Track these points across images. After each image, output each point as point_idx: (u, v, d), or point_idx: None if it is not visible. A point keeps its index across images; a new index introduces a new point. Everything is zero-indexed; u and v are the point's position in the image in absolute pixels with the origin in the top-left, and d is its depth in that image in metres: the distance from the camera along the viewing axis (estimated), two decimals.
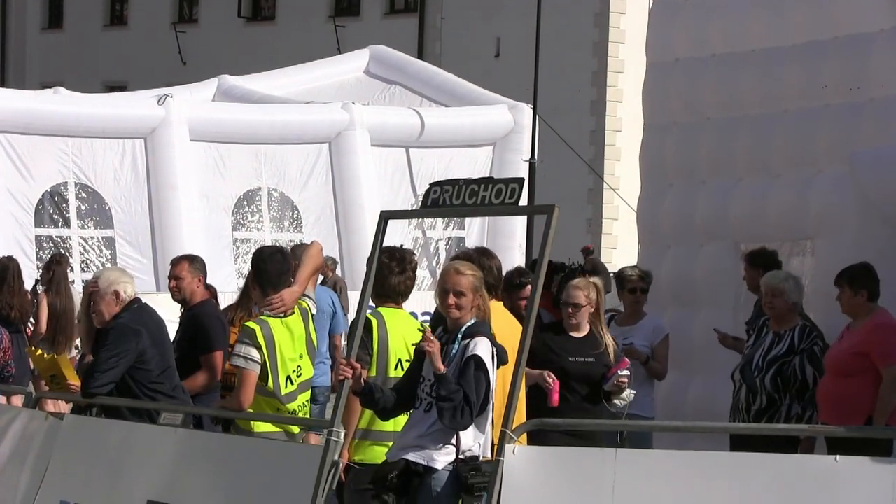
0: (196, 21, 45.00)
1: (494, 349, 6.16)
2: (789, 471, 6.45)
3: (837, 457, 6.13)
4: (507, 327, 7.57)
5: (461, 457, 6.22)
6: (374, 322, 7.22)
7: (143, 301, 8.56)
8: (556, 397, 8.29)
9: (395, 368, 7.29)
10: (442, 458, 6.04)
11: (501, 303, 8.04)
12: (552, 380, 8.24)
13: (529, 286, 7.76)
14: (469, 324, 6.24)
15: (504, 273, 8.98)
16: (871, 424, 7.98)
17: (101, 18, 47.10)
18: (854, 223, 11.18)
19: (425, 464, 6.02)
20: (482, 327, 6.26)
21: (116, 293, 7.90)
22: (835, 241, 11.26)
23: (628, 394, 8.64)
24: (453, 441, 6.10)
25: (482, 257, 8.01)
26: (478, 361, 6.00)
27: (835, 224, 11.31)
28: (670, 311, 11.88)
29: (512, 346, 7.32)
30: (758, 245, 10.95)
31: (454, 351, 6.23)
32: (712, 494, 6.20)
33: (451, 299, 6.43)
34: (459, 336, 6.22)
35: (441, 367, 5.92)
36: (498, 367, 6.37)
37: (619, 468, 6.51)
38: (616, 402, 8.56)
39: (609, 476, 6.44)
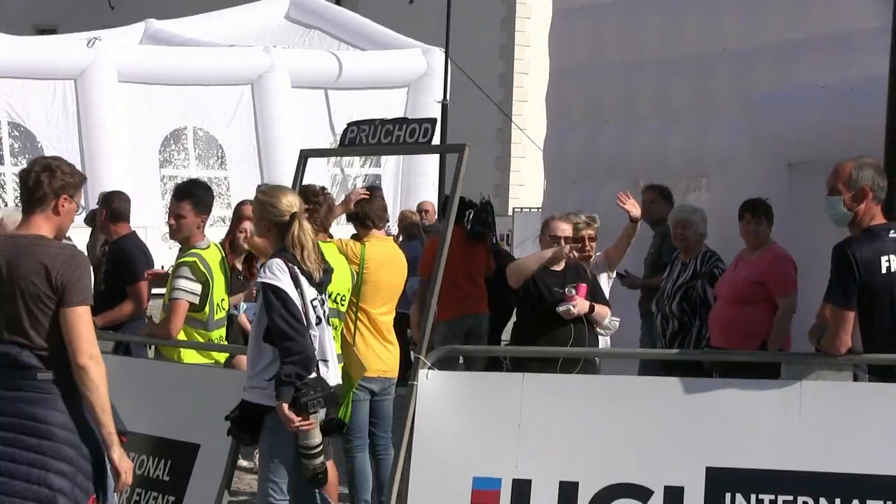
0: None
1: (291, 265, 5.85)
2: (686, 392, 6.44)
3: (736, 379, 6.45)
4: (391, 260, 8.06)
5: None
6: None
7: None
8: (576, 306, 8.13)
9: None
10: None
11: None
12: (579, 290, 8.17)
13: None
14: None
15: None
16: (765, 349, 8.20)
17: None
18: (748, 162, 11.46)
19: (259, 402, 5.88)
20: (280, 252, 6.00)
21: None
22: (729, 179, 11.35)
23: (610, 321, 8.53)
24: None
25: (373, 199, 8.13)
26: (271, 288, 5.78)
27: (730, 163, 11.57)
28: None
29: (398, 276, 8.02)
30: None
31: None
32: (614, 415, 6.30)
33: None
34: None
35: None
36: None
37: (527, 390, 6.53)
38: (600, 330, 8.54)
39: (516, 398, 6.47)
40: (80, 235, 10.73)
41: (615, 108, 13.38)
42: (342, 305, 7.46)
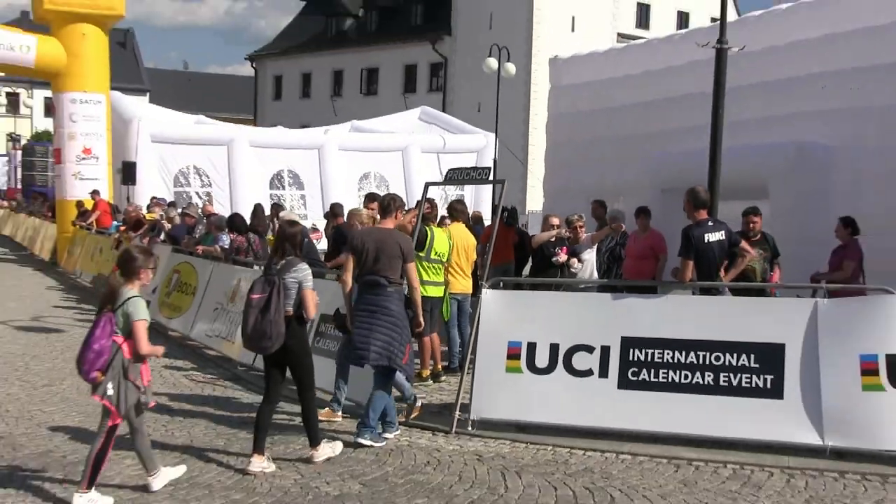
0: None
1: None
2: (612, 300, 9.33)
3: (638, 295, 9.51)
4: (466, 236, 11.32)
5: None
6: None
7: None
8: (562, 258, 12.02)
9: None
10: None
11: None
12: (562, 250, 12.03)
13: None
14: None
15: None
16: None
17: None
18: (644, 187, 16.33)
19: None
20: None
21: None
22: (634, 197, 15.87)
23: (577, 267, 12.04)
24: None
25: (457, 205, 11.76)
26: None
27: (635, 187, 16.44)
28: None
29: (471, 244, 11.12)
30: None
31: None
32: (576, 310, 9.16)
33: None
34: None
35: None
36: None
37: (534, 298, 9.78)
38: (573, 270, 12.13)
39: (529, 301, 9.56)
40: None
41: (581, 162, 19.38)
42: (444, 258, 10.79)
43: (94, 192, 26.09)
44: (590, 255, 12.50)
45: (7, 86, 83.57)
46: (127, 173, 26.27)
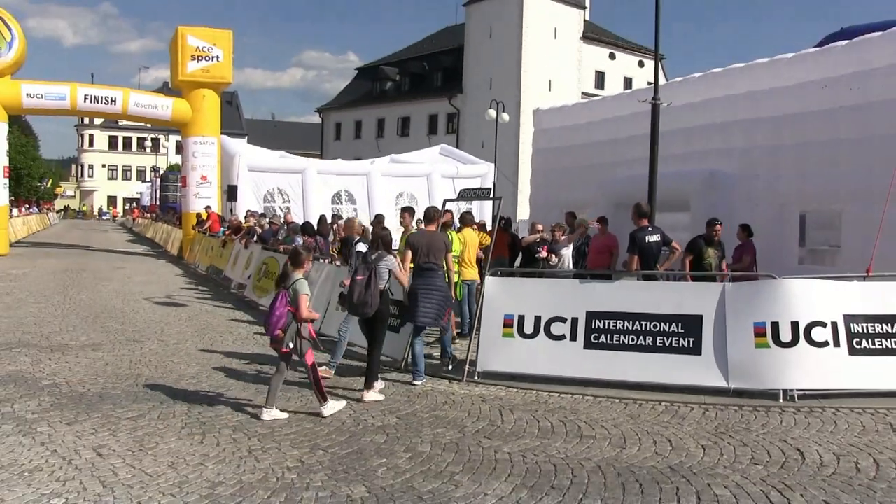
0: None
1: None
2: (580, 283, 9.01)
3: (598, 280, 9.14)
4: (473, 238, 10.96)
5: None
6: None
7: None
8: (543, 254, 11.51)
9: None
10: None
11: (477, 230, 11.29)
12: (544, 248, 11.58)
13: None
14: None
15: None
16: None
17: None
18: (602, 203, 16.08)
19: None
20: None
21: None
22: (594, 209, 15.55)
23: (554, 261, 11.58)
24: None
25: (467, 215, 11.27)
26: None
27: (599, 202, 16.07)
28: None
29: (478, 242, 10.66)
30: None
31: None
32: (554, 292, 8.79)
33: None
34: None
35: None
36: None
37: (522, 284, 9.20)
38: (551, 263, 11.68)
39: (519, 287, 9.09)
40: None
41: (556, 183, 19.16)
42: (458, 254, 10.59)
43: (208, 207, 26.28)
44: (566, 252, 12.28)
45: (152, 133, 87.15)
46: (231, 193, 26.31)
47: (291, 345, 6.91)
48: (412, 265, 8.53)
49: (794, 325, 7.78)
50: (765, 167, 14.56)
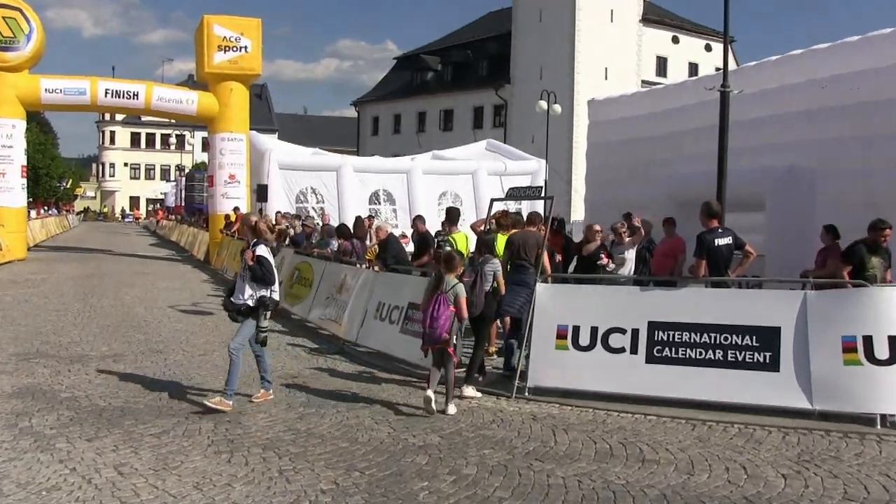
0: None
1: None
2: (641, 291, 8.84)
3: (663, 287, 8.94)
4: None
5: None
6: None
7: None
8: (605, 260, 11.27)
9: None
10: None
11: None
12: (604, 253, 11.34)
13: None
14: None
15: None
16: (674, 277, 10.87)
17: None
18: (663, 202, 15.78)
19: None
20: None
21: None
22: (655, 210, 15.26)
23: (611, 267, 11.38)
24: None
25: (503, 219, 10.86)
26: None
27: (657, 203, 16.00)
28: None
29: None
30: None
31: None
32: (614, 299, 8.83)
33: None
34: None
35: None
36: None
37: (579, 290, 9.26)
38: (608, 269, 11.44)
39: (575, 293, 9.22)
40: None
41: (614, 181, 18.88)
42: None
43: (236, 208, 26.63)
44: (630, 254, 12.08)
45: (177, 129, 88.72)
46: (261, 193, 26.62)
47: (454, 342, 7.96)
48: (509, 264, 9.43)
49: (893, 340, 7.48)
50: (853, 161, 14.06)
